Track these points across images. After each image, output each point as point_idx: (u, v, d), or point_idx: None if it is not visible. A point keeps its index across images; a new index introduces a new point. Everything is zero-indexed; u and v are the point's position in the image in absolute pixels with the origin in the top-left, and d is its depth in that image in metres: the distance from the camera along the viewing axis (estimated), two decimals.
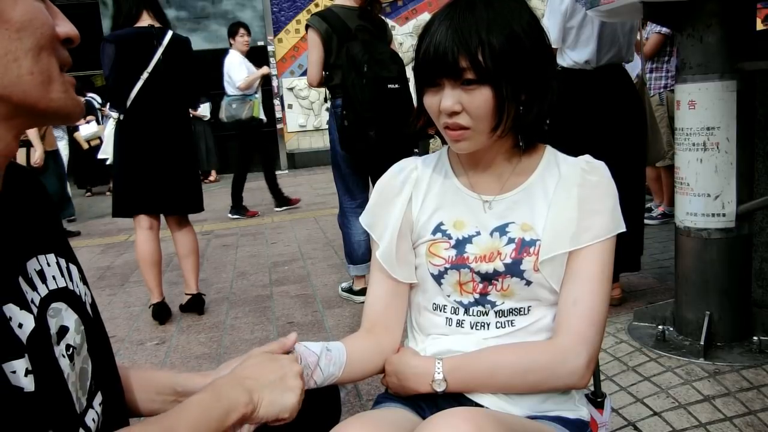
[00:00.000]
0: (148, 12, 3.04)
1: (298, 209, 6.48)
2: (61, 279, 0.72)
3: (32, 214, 0.74)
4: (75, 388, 0.68)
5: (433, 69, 0.96)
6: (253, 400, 0.80)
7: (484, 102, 0.94)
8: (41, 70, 0.63)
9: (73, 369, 0.68)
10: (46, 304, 0.67)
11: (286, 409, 0.83)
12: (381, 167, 1.23)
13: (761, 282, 2.31)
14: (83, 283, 0.79)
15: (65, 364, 0.67)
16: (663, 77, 4.31)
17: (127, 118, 3.06)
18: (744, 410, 1.76)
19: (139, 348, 2.96)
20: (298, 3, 10.61)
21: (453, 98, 0.95)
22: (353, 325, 2.94)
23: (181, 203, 3.22)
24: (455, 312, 1.06)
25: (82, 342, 0.72)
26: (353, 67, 2.90)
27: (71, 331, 0.70)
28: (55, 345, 0.66)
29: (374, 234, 1.11)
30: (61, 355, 0.67)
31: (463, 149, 1.01)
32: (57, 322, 0.68)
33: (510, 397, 1.00)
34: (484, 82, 0.93)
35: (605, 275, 1.00)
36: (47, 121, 0.69)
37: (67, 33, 0.67)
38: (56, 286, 0.71)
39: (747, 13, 2.03)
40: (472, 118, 0.96)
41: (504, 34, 0.93)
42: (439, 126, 1.01)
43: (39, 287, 0.67)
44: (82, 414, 0.70)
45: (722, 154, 1.99)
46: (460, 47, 0.93)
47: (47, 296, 0.68)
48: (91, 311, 0.79)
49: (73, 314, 0.72)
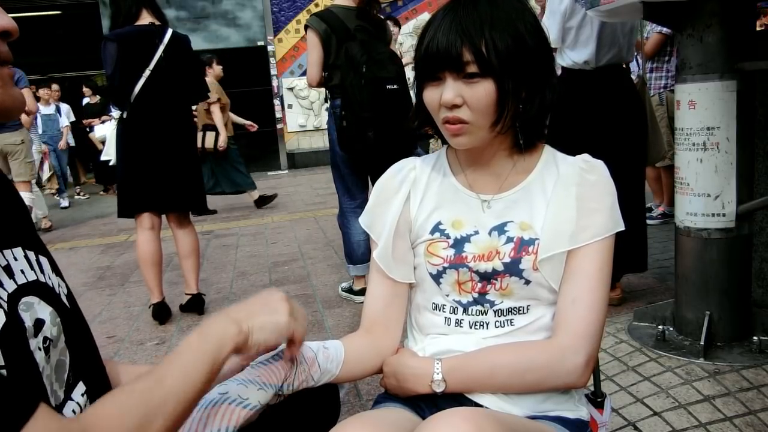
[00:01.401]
0: (148, 10, 3.05)
1: (298, 209, 6.48)
2: (30, 272, 0.71)
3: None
4: (50, 381, 0.67)
5: (436, 62, 0.96)
6: (242, 329, 0.79)
7: (486, 96, 0.95)
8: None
9: (48, 362, 0.67)
10: (16, 298, 0.66)
11: (279, 329, 0.83)
12: (380, 167, 1.23)
13: (761, 282, 2.31)
14: (56, 275, 0.77)
15: (40, 357, 0.66)
16: (663, 77, 4.31)
17: (130, 116, 3.06)
18: (744, 410, 1.76)
19: (139, 348, 2.96)
20: (298, 3, 10.61)
21: (454, 91, 0.95)
22: (353, 325, 2.94)
23: (184, 200, 3.21)
24: (454, 311, 1.06)
25: (59, 334, 0.71)
26: (352, 67, 2.90)
27: (47, 324, 0.69)
28: (31, 338, 0.65)
29: (373, 234, 1.11)
30: (36, 348, 0.66)
31: (461, 144, 1.01)
32: (32, 316, 0.67)
33: (510, 397, 1.00)
34: (487, 75, 0.94)
35: (604, 274, 1.00)
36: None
37: (3, 26, 0.65)
38: (26, 279, 0.69)
39: (747, 13, 2.03)
40: (473, 112, 0.96)
41: (508, 31, 0.94)
42: (438, 121, 1.01)
43: (5, 283, 0.66)
44: (59, 406, 0.69)
45: (722, 154, 1.99)
46: (465, 40, 0.93)
47: (16, 291, 0.66)
48: (68, 302, 0.77)
49: (47, 307, 0.70)
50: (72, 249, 5.51)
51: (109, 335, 3.16)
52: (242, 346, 0.79)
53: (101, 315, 3.52)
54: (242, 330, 0.79)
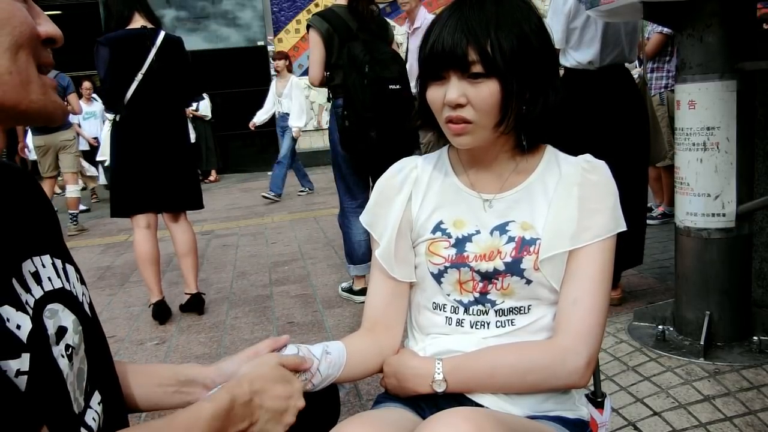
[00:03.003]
0: (140, 13, 3.06)
1: (298, 210, 6.48)
2: (57, 280, 0.72)
3: (27, 215, 0.73)
4: (73, 388, 0.68)
5: (440, 61, 0.96)
6: (252, 419, 0.83)
7: (490, 96, 0.95)
8: (19, 70, 0.61)
9: (71, 369, 0.68)
10: (42, 305, 0.67)
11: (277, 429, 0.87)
12: (381, 167, 1.22)
13: (761, 282, 2.31)
14: (80, 283, 0.78)
15: (64, 364, 0.67)
16: (664, 77, 4.31)
17: (123, 119, 3.07)
18: (744, 410, 1.76)
19: (139, 348, 2.96)
20: (298, 3, 10.61)
21: (459, 90, 0.95)
22: (353, 325, 2.94)
23: (179, 200, 3.22)
24: (455, 311, 1.06)
25: (80, 342, 0.72)
26: (354, 67, 2.90)
27: (69, 331, 0.70)
28: (54, 345, 0.66)
29: (374, 233, 1.11)
30: (60, 355, 0.66)
31: (463, 144, 1.01)
32: (55, 323, 0.67)
33: (510, 397, 1.00)
34: (492, 75, 0.94)
35: (605, 275, 1.00)
36: (29, 121, 0.68)
37: (49, 33, 0.66)
38: (52, 287, 0.70)
39: (747, 13, 2.03)
40: (477, 111, 0.96)
41: (513, 31, 0.94)
42: (440, 121, 1.01)
43: (33, 289, 0.66)
44: (81, 414, 0.69)
45: (722, 154, 1.99)
46: (470, 39, 0.93)
47: (42, 298, 0.67)
48: (90, 311, 0.78)
49: (70, 315, 0.71)
50: (72, 249, 5.46)
51: (109, 335, 3.15)
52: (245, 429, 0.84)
53: (101, 315, 3.50)
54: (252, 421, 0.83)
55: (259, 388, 0.85)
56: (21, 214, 0.71)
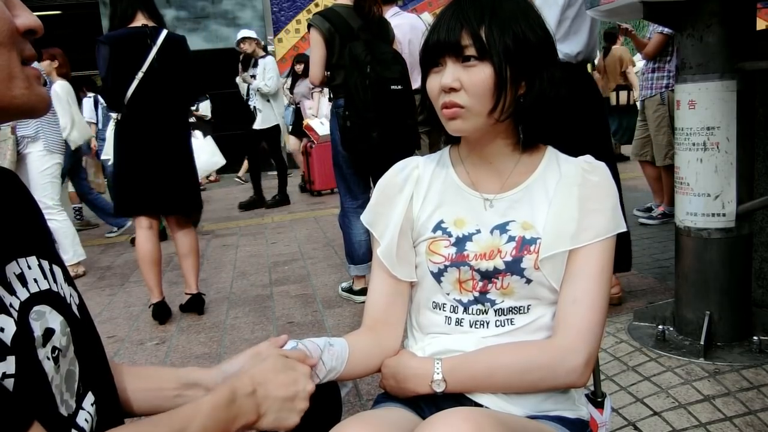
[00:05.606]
0: (143, 12, 3.06)
1: (298, 210, 6.48)
2: (43, 281, 0.71)
3: (11, 216, 0.71)
4: (60, 390, 0.67)
5: (437, 48, 0.99)
6: (259, 412, 0.83)
7: (483, 80, 0.96)
8: (1, 68, 0.60)
9: (57, 371, 0.67)
10: (28, 307, 0.66)
11: (286, 427, 0.87)
12: (383, 168, 1.23)
13: (761, 282, 2.31)
14: (68, 284, 0.77)
15: (49, 366, 0.66)
16: (665, 77, 4.31)
17: (125, 119, 3.06)
18: (744, 410, 1.76)
19: (139, 348, 2.96)
20: (298, 3, 10.61)
21: (453, 75, 0.97)
22: (353, 325, 2.94)
23: (180, 203, 3.22)
24: (454, 310, 1.06)
25: (68, 344, 0.71)
26: (356, 67, 2.90)
27: (57, 333, 0.69)
28: (40, 347, 0.65)
29: (375, 232, 1.11)
30: (45, 358, 0.65)
31: (456, 129, 1.01)
32: (42, 325, 0.67)
33: (510, 397, 1.00)
34: (484, 59, 0.95)
35: (605, 274, 1.01)
36: (10, 117, 0.66)
37: (28, 24, 0.64)
38: (38, 288, 0.69)
39: (747, 13, 2.03)
40: (470, 96, 0.97)
41: (509, 20, 0.97)
42: (437, 108, 1.02)
43: (18, 291, 0.65)
44: (72, 416, 0.69)
45: (722, 154, 1.99)
46: (464, 23, 0.96)
47: (28, 299, 0.66)
48: (79, 312, 0.77)
49: (58, 316, 0.70)
50: None
51: (109, 335, 3.15)
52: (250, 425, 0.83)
53: (101, 315, 3.52)
54: (258, 413, 0.83)
55: (261, 380, 0.85)
56: (4, 216, 0.70)
